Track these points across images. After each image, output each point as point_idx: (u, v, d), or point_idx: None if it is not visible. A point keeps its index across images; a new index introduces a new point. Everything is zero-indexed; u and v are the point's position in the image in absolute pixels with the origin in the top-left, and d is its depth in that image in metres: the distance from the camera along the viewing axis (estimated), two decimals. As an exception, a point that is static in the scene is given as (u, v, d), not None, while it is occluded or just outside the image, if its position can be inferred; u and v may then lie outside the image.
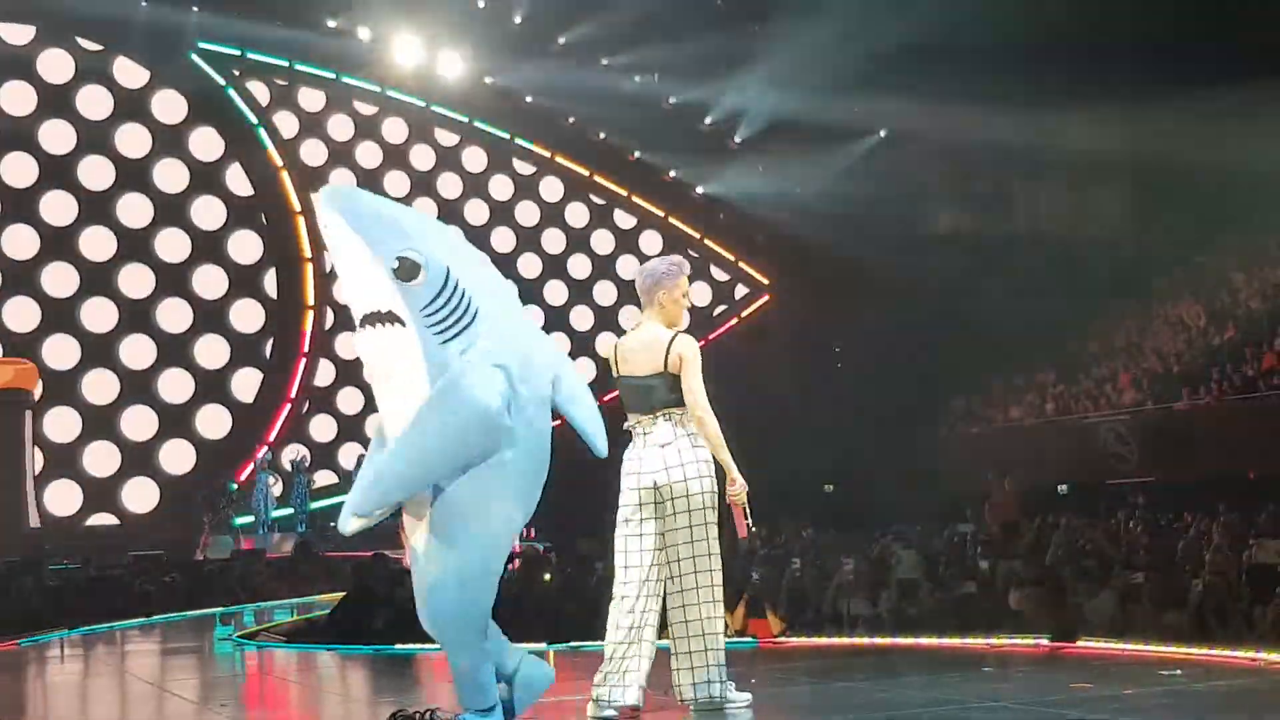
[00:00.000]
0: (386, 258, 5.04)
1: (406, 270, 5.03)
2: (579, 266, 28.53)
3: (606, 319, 27.99)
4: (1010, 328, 23.20)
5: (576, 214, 28.72)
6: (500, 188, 27.91)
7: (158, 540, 20.33)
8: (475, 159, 27.87)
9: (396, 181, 26.58)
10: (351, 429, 24.81)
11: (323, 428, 25.23)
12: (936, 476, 21.84)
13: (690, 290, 6.40)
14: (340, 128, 26.51)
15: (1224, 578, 9.53)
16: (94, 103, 24.13)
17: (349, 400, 25.24)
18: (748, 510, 6.26)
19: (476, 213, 27.41)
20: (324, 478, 24.00)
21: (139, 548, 19.26)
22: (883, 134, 27.54)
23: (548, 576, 13.09)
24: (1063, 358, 25.28)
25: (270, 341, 25.02)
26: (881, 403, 23.81)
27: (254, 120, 25.40)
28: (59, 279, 23.33)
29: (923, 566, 10.71)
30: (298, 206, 25.30)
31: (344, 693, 7.23)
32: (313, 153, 26.09)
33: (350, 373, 25.35)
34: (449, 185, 27.42)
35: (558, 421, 5.45)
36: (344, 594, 13.15)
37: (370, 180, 26.02)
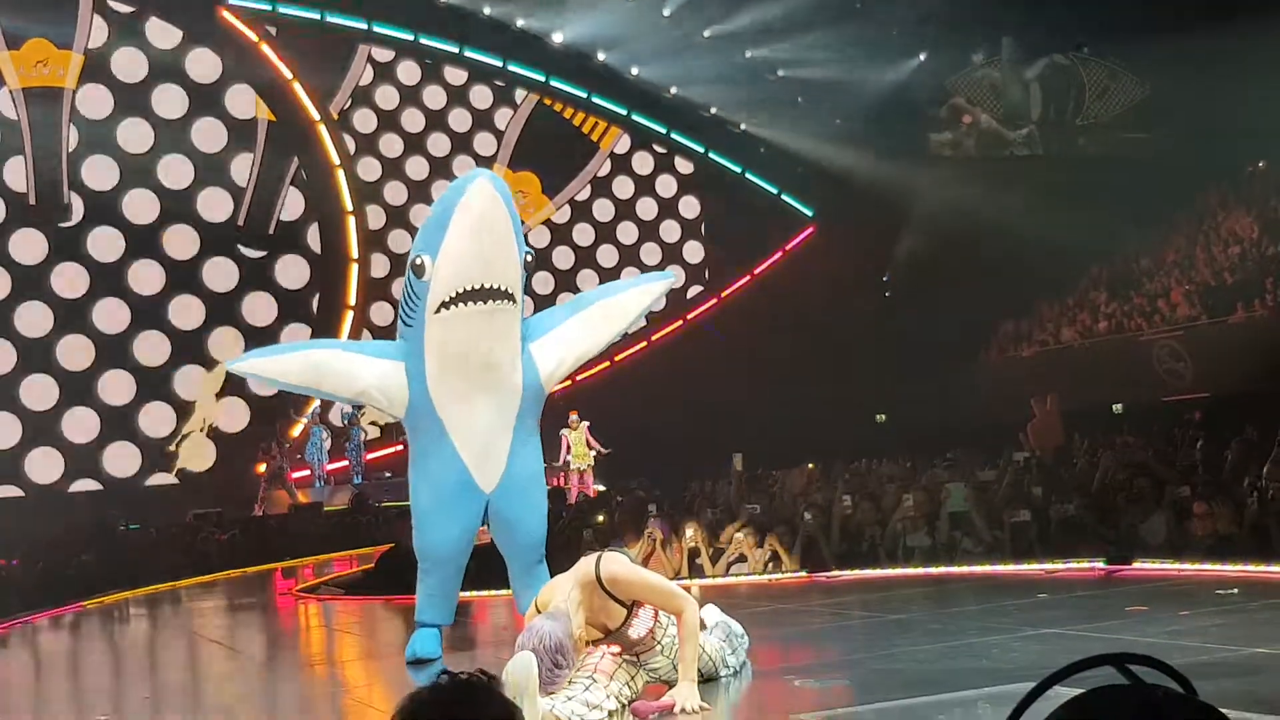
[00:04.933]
0: (521, 248, 6.73)
1: (529, 266, 6.83)
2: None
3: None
4: (1059, 248, 22.93)
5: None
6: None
7: (216, 497, 20.61)
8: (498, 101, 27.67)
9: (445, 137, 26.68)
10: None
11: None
12: (989, 402, 21.65)
13: None
14: (372, 81, 26.40)
15: (1281, 490, 9.39)
16: (131, 66, 24.12)
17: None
18: None
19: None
20: (375, 431, 24.03)
21: (198, 505, 19.49)
22: (922, 58, 27.18)
23: (601, 518, 13.05)
24: (1114, 275, 24.99)
25: (316, 297, 25.10)
26: (932, 330, 23.60)
27: (288, 75, 25.28)
28: (103, 242, 23.51)
29: (974, 497, 10.62)
30: (336, 160, 25.33)
31: (396, 645, 7.29)
32: (347, 106, 26.07)
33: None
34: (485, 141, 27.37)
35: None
36: (391, 545, 13.24)
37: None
